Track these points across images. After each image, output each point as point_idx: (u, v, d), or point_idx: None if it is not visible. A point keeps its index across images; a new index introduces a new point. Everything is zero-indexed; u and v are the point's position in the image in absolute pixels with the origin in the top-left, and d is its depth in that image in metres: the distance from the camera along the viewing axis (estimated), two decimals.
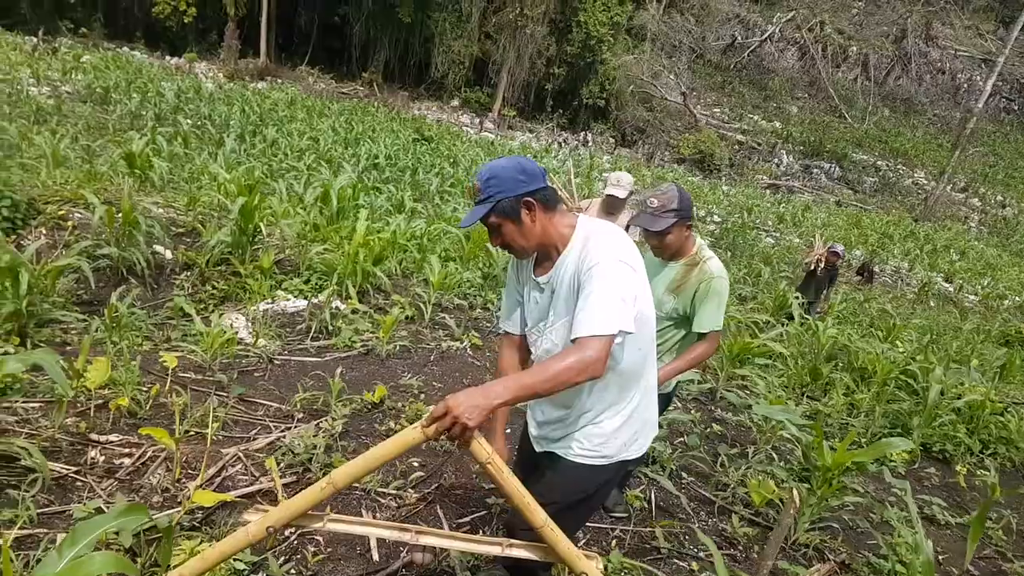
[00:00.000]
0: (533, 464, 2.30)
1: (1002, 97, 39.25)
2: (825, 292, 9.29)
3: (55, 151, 7.92)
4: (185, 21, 27.71)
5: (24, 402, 3.45)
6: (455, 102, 31.35)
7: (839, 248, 8.99)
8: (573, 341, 1.87)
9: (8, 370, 2.83)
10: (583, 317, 1.87)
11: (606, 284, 1.89)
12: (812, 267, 8.97)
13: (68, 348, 4.23)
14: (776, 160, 32.35)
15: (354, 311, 5.59)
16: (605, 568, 2.25)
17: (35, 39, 22.20)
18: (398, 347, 5.18)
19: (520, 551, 2.09)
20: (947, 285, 16.84)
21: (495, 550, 2.08)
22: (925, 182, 33.09)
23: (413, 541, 2.05)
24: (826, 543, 3.65)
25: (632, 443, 2.22)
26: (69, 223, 6.18)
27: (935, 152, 35.50)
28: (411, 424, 1.90)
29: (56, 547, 1.60)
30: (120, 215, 5.62)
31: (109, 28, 28.67)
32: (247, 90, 21.89)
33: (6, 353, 3.10)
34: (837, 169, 32.75)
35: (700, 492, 4.00)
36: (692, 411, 4.89)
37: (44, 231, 5.80)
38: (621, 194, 4.41)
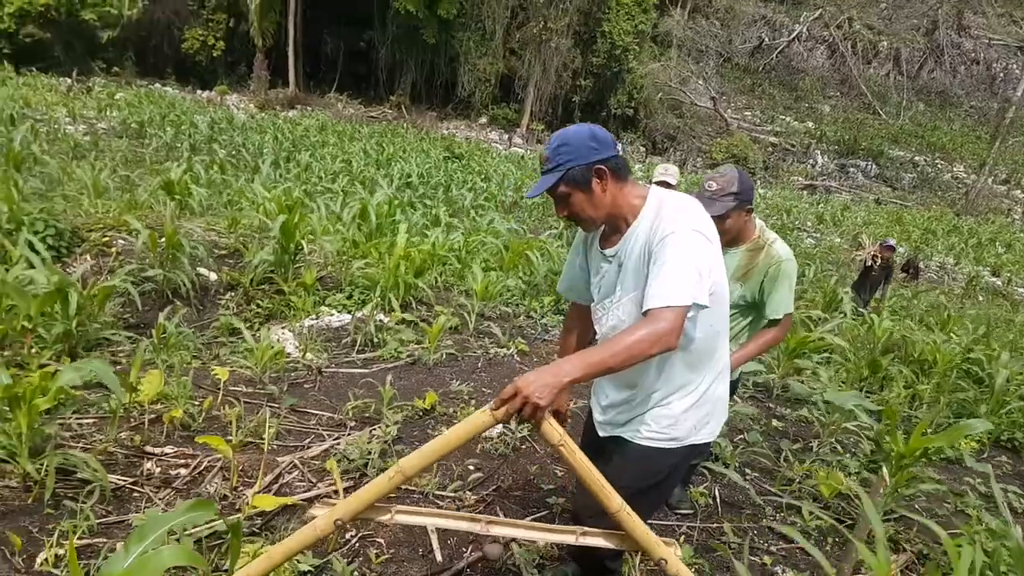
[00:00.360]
0: (598, 451, 2.20)
1: None
2: (882, 289, 9.08)
3: (96, 182, 8.10)
4: (214, 55, 28.50)
5: (78, 418, 3.45)
6: (483, 119, 31.59)
7: (892, 242, 8.81)
8: (645, 314, 1.78)
9: (63, 381, 2.83)
10: (655, 288, 1.78)
11: (680, 254, 1.80)
12: (868, 263, 8.77)
13: (118, 367, 4.25)
14: (811, 161, 31.90)
15: (399, 323, 5.55)
16: None
17: (69, 80, 23.00)
18: (445, 355, 5.12)
19: (595, 539, 1.99)
20: (995, 279, 16.39)
21: (568, 539, 1.99)
22: (965, 176, 32.30)
23: (483, 531, 1.97)
24: (901, 533, 3.47)
25: (703, 426, 2.12)
26: (113, 249, 6.27)
27: (974, 144, 34.64)
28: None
29: (124, 544, 1.54)
30: (163, 239, 5.68)
31: (140, 66, 29.58)
32: (278, 118, 22.33)
33: (60, 363, 3.10)
34: (874, 167, 32.14)
35: (765, 487, 3.85)
36: (750, 407, 4.72)
37: (89, 258, 5.88)
38: (672, 180, 4.35)
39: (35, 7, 25.77)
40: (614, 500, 1.82)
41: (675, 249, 1.80)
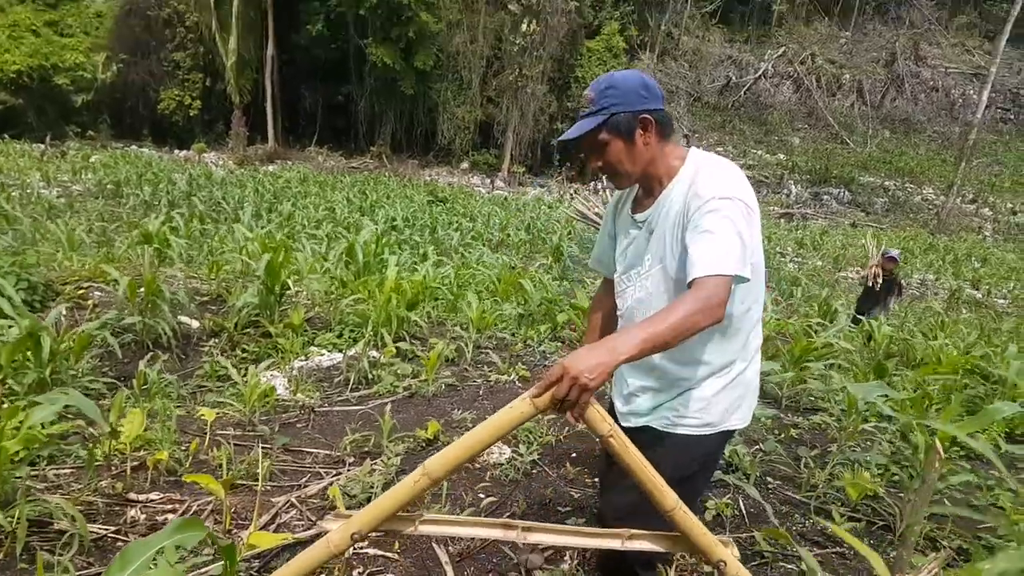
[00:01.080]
0: None
1: (997, 107, 39.21)
2: (884, 308, 8.46)
3: (70, 236, 7.90)
4: (191, 114, 28.60)
5: (53, 469, 3.19)
6: (464, 165, 31.85)
7: (894, 252, 8.30)
8: (689, 284, 1.61)
9: (35, 419, 2.59)
10: (699, 255, 1.61)
11: (724, 221, 1.64)
12: (870, 283, 8.37)
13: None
14: (785, 191, 32.39)
15: (393, 357, 5.33)
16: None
17: (43, 145, 22.82)
18: (444, 386, 4.92)
19: (643, 543, 1.77)
20: (975, 291, 16.56)
21: (614, 543, 1.77)
22: (934, 197, 32.93)
23: (520, 539, 1.76)
24: (936, 530, 3.28)
25: (735, 409, 1.95)
26: (89, 302, 6.03)
27: (940, 167, 35.42)
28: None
29: (105, 573, 1.31)
30: (142, 288, 5.45)
31: (116, 128, 29.61)
32: (258, 173, 22.27)
33: (33, 404, 2.85)
34: (846, 193, 32.69)
35: (789, 495, 3.66)
36: (769, 411, 4.55)
37: (64, 311, 5.64)
38: None
39: (6, 74, 25.79)
40: (669, 497, 1.62)
41: (716, 216, 1.65)
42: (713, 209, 1.66)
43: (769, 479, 3.82)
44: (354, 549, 2.63)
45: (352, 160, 30.92)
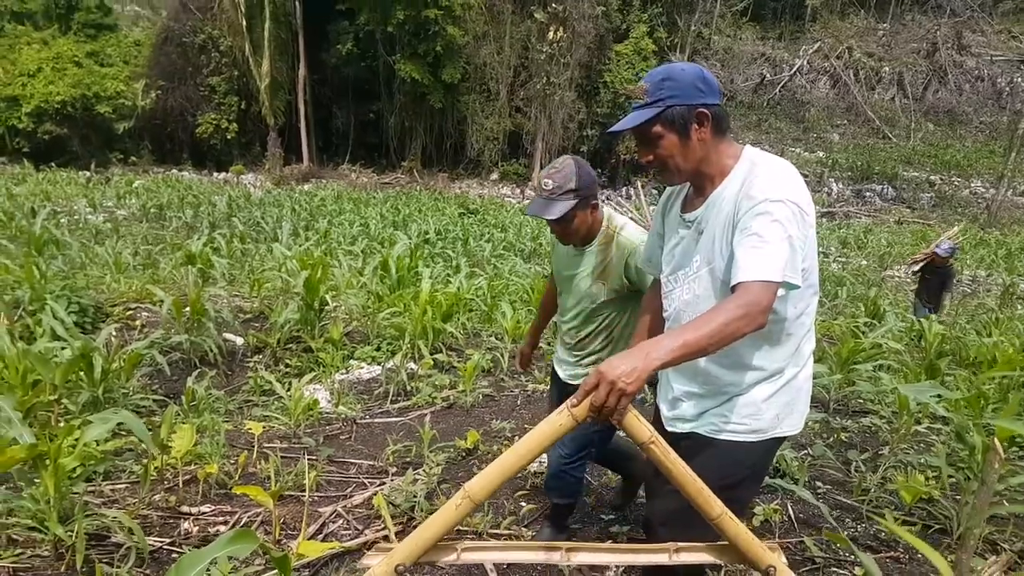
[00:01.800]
0: None
1: None
2: (941, 299, 8.10)
3: (117, 259, 8.14)
4: (228, 137, 29.22)
5: (109, 484, 3.30)
6: (494, 176, 31.93)
7: (943, 246, 7.78)
8: (733, 288, 1.59)
9: (90, 436, 2.69)
10: (746, 260, 1.59)
11: (774, 225, 1.60)
12: (915, 271, 8.16)
13: (150, 432, 4.11)
14: (826, 189, 31.68)
15: (430, 369, 5.38)
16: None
17: (88, 172, 23.56)
18: (481, 397, 4.95)
19: (691, 555, 1.75)
20: None
21: (661, 558, 1.74)
22: (983, 190, 31.89)
23: (565, 562, 1.74)
24: (995, 533, 3.19)
25: (786, 416, 1.90)
26: (137, 322, 6.22)
27: (988, 159, 34.31)
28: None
29: None
30: (187, 307, 5.61)
31: (157, 154, 30.42)
32: (295, 192, 22.67)
33: (86, 422, 2.96)
34: (890, 190, 31.86)
35: (840, 500, 3.58)
36: (816, 414, 4.48)
37: (113, 332, 5.82)
38: None
39: (51, 104, 26.68)
40: (715, 506, 1.59)
41: (769, 219, 1.61)
42: (764, 212, 1.63)
43: (819, 483, 3.74)
44: None
45: (384, 176, 31.28)
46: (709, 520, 1.61)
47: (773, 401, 1.86)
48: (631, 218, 6.82)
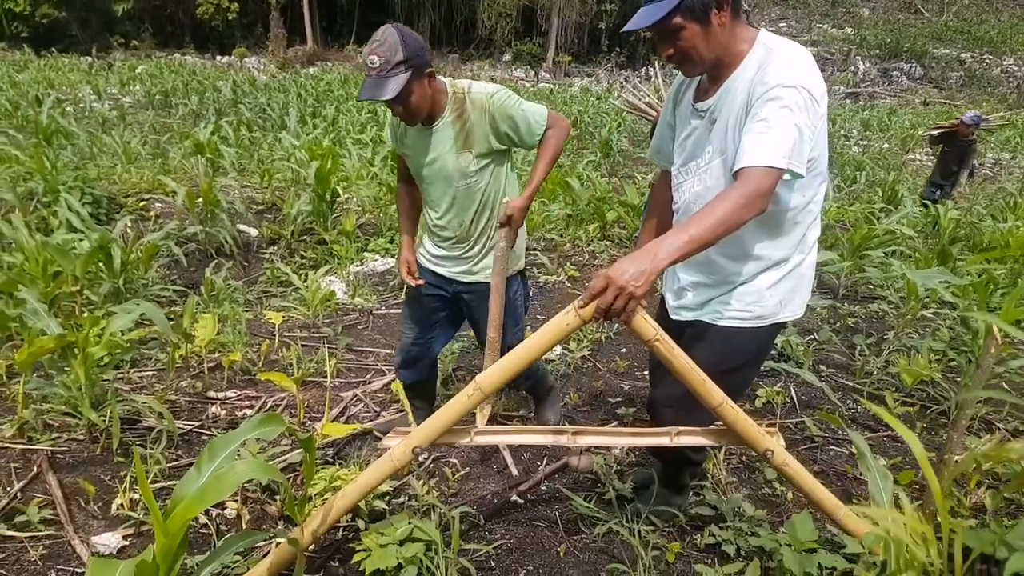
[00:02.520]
0: (674, 339, 2.02)
1: None
2: (957, 172, 7.67)
3: (127, 149, 8.09)
4: (229, 18, 28.19)
5: (136, 371, 3.43)
6: (507, 57, 30.80)
7: (969, 115, 7.41)
8: (735, 174, 1.58)
9: (115, 327, 2.78)
10: (750, 145, 1.56)
11: (781, 111, 1.56)
12: (935, 138, 7.79)
13: (171, 322, 4.23)
14: (852, 68, 30.44)
15: None
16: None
17: (90, 58, 22.98)
18: None
19: (692, 438, 1.84)
20: None
21: (663, 441, 1.84)
22: (1016, 68, 30.55)
23: (571, 443, 1.84)
24: (991, 414, 3.30)
25: (789, 302, 1.93)
26: (151, 213, 6.26)
27: None
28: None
29: (195, 464, 1.46)
30: (200, 198, 5.61)
31: (158, 37, 29.50)
32: (299, 76, 22.09)
33: (109, 313, 3.05)
34: (918, 69, 30.57)
35: (843, 383, 3.69)
36: (822, 301, 4.53)
37: (128, 222, 5.88)
38: None
39: None
40: (716, 395, 1.66)
41: (778, 105, 1.57)
42: (774, 97, 1.58)
43: (823, 367, 3.84)
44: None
45: None
46: (710, 408, 1.69)
47: (777, 288, 1.89)
48: (648, 102, 6.63)
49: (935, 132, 8.03)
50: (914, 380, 3.36)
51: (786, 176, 1.59)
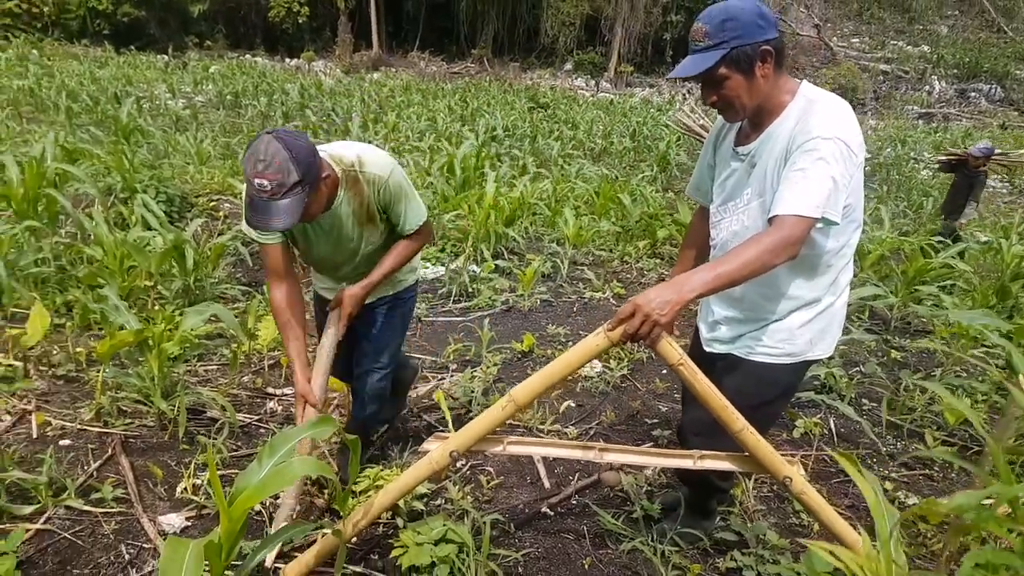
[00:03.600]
0: (705, 369, 2.14)
1: None
2: (963, 204, 7.20)
3: (199, 150, 8.51)
4: (299, 21, 28.98)
5: (202, 365, 3.69)
6: (568, 66, 30.83)
7: (979, 147, 7.04)
8: (770, 220, 1.69)
9: (187, 326, 3.02)
10: (786, 194, 1.67)
11: (818, 162, 1.67)
12: (945, 165, 7.51)
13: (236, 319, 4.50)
14: (927, 88, 29.45)
15: (491, 272, 5.59)
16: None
17: (166, 56, 24.00)
18: (539, 302, 5.15)
19: (714, 462, 1.95)
20: None
21: (686, 463, 1.95)
22: None
23: (597, 459, 1.97)
24: None
25: (819, 341, 2.01)
26: (220, 213, 6.59)
27: None
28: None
29: (257, 458, 1.65)
30: None
31: (231, 38, 30.49)
32: (364, 81, 22.68)
33: (182, 312, 3.32)
34: (998, 90, 29.33)
35: (884, 418, 3.69)
36: (867, 336, 4.53)
37: (199, 222, 6.23)
38: None
39: None
40: (737, 421, 1.76)
41: (815, 156, 1.67)
42: (811, 149, 1.68)
43: (865, 400, 3.85)
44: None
45: (454, 65, 30.69)
46: (731, 433, 1.79)
47: (808, 327, 1.97)
48: (702, 125, 6.61)
49: (943, 159, 7.74)
50: (956, 420, 3.36)
51: (819, 224, 1.70)
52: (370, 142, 10.14)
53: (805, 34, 30.17)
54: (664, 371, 4.12)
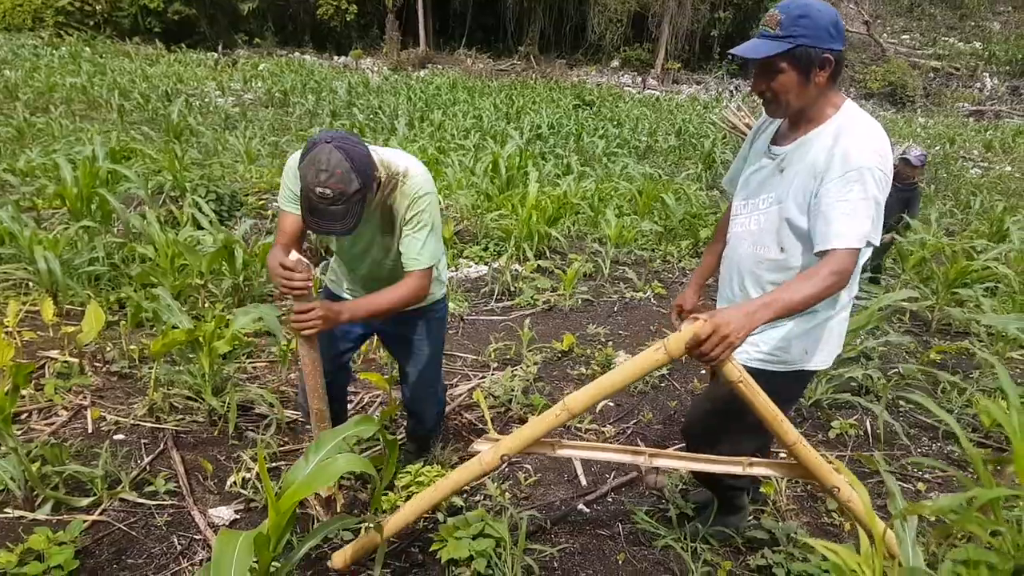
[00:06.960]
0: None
1: None
2: (898, 217, 5.83)
3: (248, 149, 8.72)
4: (347, 19, 29.42)
5: (251, 362, 3.81)
6: (615, 63, 30.72)
7: (913, 153, 5.80)
8: (824, 252, 1.76)
9: (237, 326, 3.13)
10: (839, 225, 1.74)
11: (866, 193, 1.74)
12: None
13: (282, 319, 4.63)
14: (978, 85, 28.61)
15: (534, 271, 5.64)
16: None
17: (216, 54, 24.61)
18: (580, 301, 5.18)
19: (762, 469, 1.99)
20: None
21: (735, 469, 1.99)
22: None
23: (647, 464, 2.00)
24: None
25: (815, 352, 2.04)
26: (269, 212, 6.76)
27: None
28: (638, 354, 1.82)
29: (303, 455, 1.73)
30: None
31: (279, 35, 31.07)
32: (411, 79, 22.92)
33: (232, 313, 3.44)
34: None
35: (920, 419, 3.67)
36: (906, 338, 4.46)
37: (249, 222, 6.39)
38: None
39: None
40: (789, 434, 1.80)
41: (862, 187, 1.74)
42: (858, 180, 1.74)
43: (902, 402, 3.81)
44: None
45: (500, 62, 30.82)
46: (785, 446, 1.84)
47: (803, 338, 2.01)
48: (747, 123, 6.53)
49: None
50: (991, 422, 3.32)
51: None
52: (416, 140, 10.34)
53: (855, 31, 29.46)
54: (703, 371, 4.12)
